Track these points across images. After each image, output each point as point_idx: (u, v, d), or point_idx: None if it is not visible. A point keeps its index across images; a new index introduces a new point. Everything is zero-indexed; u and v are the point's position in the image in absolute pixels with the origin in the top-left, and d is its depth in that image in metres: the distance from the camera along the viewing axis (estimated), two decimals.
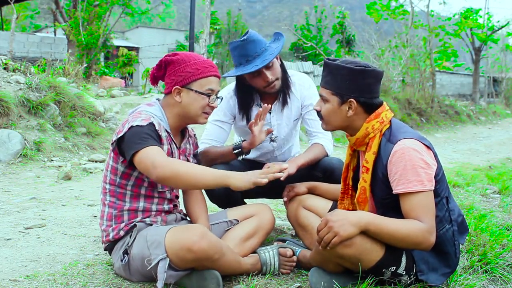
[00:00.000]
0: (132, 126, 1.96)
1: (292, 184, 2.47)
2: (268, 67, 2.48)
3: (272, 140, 2.75)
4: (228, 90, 2.72)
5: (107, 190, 2.13)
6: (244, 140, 2.51)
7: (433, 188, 1.85)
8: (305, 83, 2.74)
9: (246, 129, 2.75)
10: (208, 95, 2.11)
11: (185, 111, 2.12)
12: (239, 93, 2.65)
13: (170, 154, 2.11)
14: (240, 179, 1.85)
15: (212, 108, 2.15)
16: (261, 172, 1.89)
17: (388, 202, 1.93)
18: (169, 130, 2.12)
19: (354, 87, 1.92)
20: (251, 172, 1.89)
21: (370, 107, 1.96)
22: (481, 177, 5.14)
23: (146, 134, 1.95)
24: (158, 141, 2.00)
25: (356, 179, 2.13)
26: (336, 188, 2.34)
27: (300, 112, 2.76)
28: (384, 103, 2.01)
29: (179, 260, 1.87)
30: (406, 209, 1.83)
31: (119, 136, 1.99)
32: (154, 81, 2.22)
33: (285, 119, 2.72)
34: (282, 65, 2.63)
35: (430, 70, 17.71)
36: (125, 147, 1.97)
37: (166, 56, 2.15)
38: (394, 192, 1.86)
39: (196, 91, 2.09)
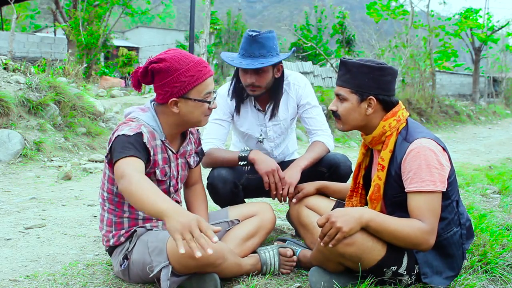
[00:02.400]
0: (118, 135, 1.87)
1: (301, 184, 2.46)
2: (256, 72, 2.47)
3: (259, 141, 2.76)
4: (225, 89, 2.72)
5: (105, 198, 2.09)
6: (251, 150, 2.49)
7: (444, 190, 1.85)
8: (300, 83, 2.74)
9: (242, 130, 2.75)
10: (208, 101, 1.99)
11: (184, 120, 2.00)
12: (234, 80, 2.65)
13: (168, 161, 2.06)
14: (175, 226, 1.56)
15: (212, 109, 2.05)
16: (200, 221, 1.59)
17: (398, 201, 1.93)
18: (163, 139, 2.03)
19: (374, 84, 1.93)
20: (193, 216, 1.60)
21: (388, 104, 1.97)
22: (481, 177, 5.14)
23: (130, 144, 1.84)
24: (143, 152, 1.89)
25: (366, 178, 2.13)
26: (346, 188, 2.35)
27: (297, 111, 2.77)
28: (400, 102, 2.02)
29: (182, 266, 1.85)
30: (412, 207, 1.84)
31: (109, 146, 1.91)
32: (139, 87, 2.03)
33: (281, 120, 2.73)
34: (281, 77, 2.62)
35: (430, 70, 17.72)
36: (112, 157, 1.88)
37: (151, 62, 1.94)
38: (406, 190, 1.86)
39: (195, 100, 1.96)
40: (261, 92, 2.55)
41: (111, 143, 1.90)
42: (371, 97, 1.94)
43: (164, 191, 2.09)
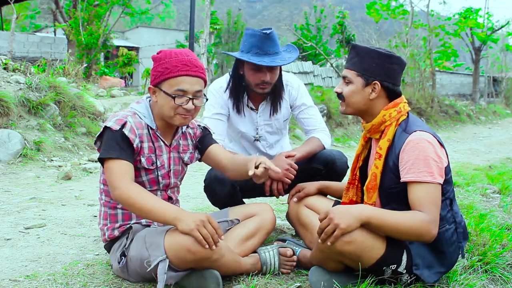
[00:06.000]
0: (106, 127, 1.99)
1: (302, 184, 2.46)
2: (271, 69, 2.49)
3: (256, 140, 2.76)
4: (219, 84, 2.72)
5: (102, 190, 2.15)
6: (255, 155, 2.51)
7: (442, 182, 1.86)
8: (294, 84, 2.75)
9: (240, 130, 2.74)
10: (174, 97, 1.97)
11: (160, 111, 2.06)
12: (233, 78, 2.65)
13: (153, 151, 2.09)
14: (190, 225, 1.81)
15: (186, 110, 1.99)
16: (210, 218, 1.85)
17: (394, 192, 1.94)
18: (153, 127, 2.09)
19: (380, 70, 1.97)
20: (203, 214, 1.86)
21: (391, 93, 2.00)
22: (481, 177, 5.14)
23: (116, 144, 1.95)
24: (127, 148, 1.98)
25: (363, 170, 2.15)
26: None
27: (290, 112, 2.78)
28: (403, 95, 2.04)
29: (179, 261, 1.87)
30: (412, 199, 1.85)
31: (97, 134, 2.04)
32: None
33: (273, 120, 2.73)
34: (280, 74, 2.64)
35: (430, 70, 17.70)
36: (100, 147, 2.02)
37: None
38: (402, 180, 1.88)
39: (164, 92, 1.99)
40: (269, 89, 2.58)
41: (99, 133, 2.03)
42: (376, 82, 1.98)
43: (152, 181, 2.12)
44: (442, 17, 24.36)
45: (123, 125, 1.99)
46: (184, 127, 2.24)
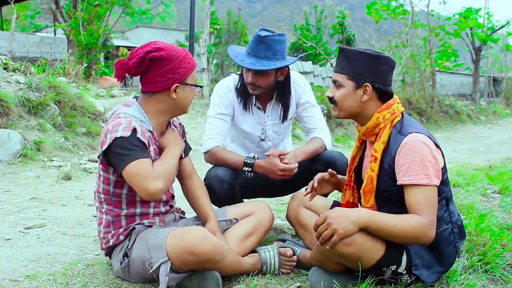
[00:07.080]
0: (116, 138, 1.88)
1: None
2: (257, 73, 2.47)
3: (261, 140, 2.76)
4: (226, 83, 2.72)
5: (103, 199, 2.08)
6: (258, 159, 2.49)
7: (439, 184, 1.86)
8: (300, 82, 2.75)
9: (244, 129, 2.74)
10: (201, 86, 2.14)
11: (178, 105, 2.08)
12: (240, 75, 2.65)
13: (158, 153, 2.08)
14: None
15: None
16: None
17: (389, 194, 1.94)
18: (151, 129, 2.06)
19: (370, 72, 1.96)
20: None
21: (383, 94, 1.99)
22: (481, 177, 5.13)
23: (133, 145, 1.89)
24: (145, 149, 1.94)
25: (357, 171, 2.14)
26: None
27: (295, 110, 2.78)
28: (395, 96, 2.03)
29: (181, 263, 1.87)
30: (409, 202, 1.84)
31: (103, 148, 1.92)
32: (123, 78, 2.03)
33: (280, 119, 2.73)
34: (286, 81, 2.62)
35: (430, 70, 17.70)
36: (114, 160, 1.92)
37: (147, 51, 1.97)
38: (398, 182, 1.87)
39: (191, 85, 2.09)
40: (261, 92, 2.56)
41: (106, 145, 1.90)
42: (367, 84, 1.96)
43: None
44: (442, 17, 24.36)
45: (134, 131, 1.92)
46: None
